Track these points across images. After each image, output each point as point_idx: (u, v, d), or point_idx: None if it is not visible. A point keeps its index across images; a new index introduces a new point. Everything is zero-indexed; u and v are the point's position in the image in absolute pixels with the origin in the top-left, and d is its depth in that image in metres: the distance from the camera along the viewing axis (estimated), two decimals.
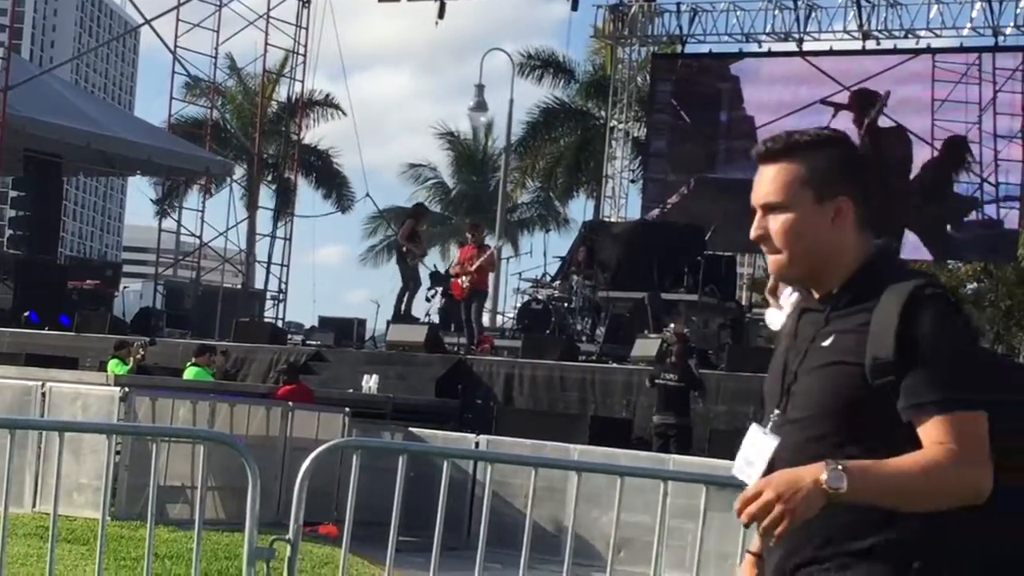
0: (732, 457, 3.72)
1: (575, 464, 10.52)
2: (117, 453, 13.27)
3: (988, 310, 46.14)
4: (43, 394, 15.32)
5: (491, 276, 27.48)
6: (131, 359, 20.95)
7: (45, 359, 21.36)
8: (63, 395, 15.47)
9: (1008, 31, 31.22)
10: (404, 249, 25.72)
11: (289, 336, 27.13)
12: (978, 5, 31.19)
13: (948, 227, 31.54)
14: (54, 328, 25.82)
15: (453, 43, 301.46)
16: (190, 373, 20.49)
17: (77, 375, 19.18)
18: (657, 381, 18.78)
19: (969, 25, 31.51)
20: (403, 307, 25.41)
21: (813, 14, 32.81)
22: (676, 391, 18.63)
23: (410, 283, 25.53)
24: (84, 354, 23.25)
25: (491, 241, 27.73)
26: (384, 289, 25.87)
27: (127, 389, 15.25)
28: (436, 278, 25.74)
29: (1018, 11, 31.01)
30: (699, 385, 18.88)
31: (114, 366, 20.73)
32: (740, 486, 3.49)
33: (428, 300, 25.80)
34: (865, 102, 31.82)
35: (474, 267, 24.24)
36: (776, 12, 33.04)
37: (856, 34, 32.43)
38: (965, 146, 31.01)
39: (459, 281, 24.41)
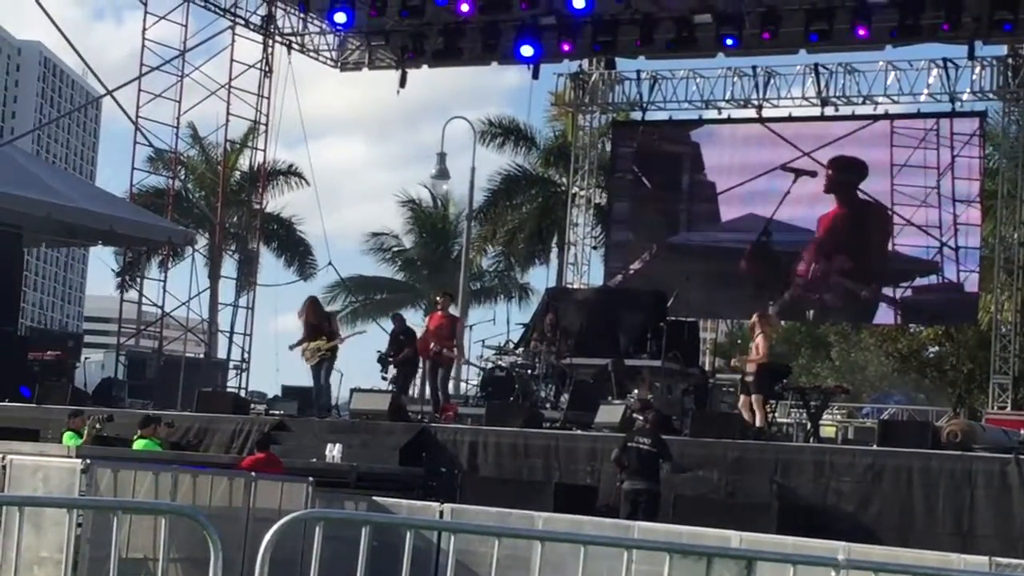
0: (697, 523, 3.72)
1: (539, 533, 10.50)
2: (78, 526, 13.16)
3: (950, 373, 46.37)
4: (3, 467, 15.19)
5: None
6: (85, 431, 20.77)
7: (6, 431, 21.14)
8: (24, 467, 15.34)
9: (964, 97, 31.56)
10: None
11: (252, 406, 26.97)
12: (935, 72, 31.53)
13: (903, 290, 31.81)
14: (15, 400, 25.61)
15: (408, 111, 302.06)
16: (138, 445, 20.33)
17: (38, 447, 19.01)
18: (629, 444, 18.75)
19: (926, 91, 31.84)
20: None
21: (772, 80, 33.10)
22: (648, 456, 18.61)
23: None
24: (45, 426, 23.04)
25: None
26: (347, 358, 25.91)
27: (88, 461, 15.14)
28: (383, 361, 25.68)
29: (974, 77, 31.36)
30: (669, 456, 18.87)
31: (68, 438, 20.56)
32: (703, 553, 3.50)
33: (384, 379, 25.71)
34: (849, 170, 32.15)
35: (455, 352, 24.82)
36: (735, 79, 33.29)
37: (815, 100, 32.70)
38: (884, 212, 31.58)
39: (431, 345, 24.69)
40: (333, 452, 21.38)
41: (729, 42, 29.93)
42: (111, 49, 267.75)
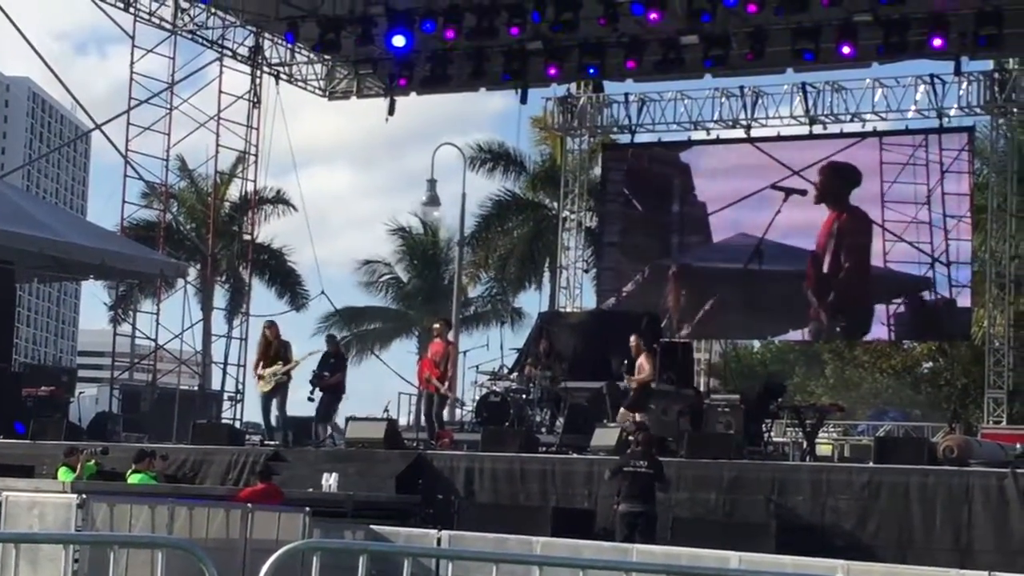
0: (696, 544, 3.70)
1: (537, 558, 10.48)
2: (75, 561, 13.11)
3: (944, 388, 46.44)
4: None
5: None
6: (79, 466, 20.73)
7: (0, 468, 21.11)
8: (19, 504, 15.30)
9: (952, 112, 31.63)
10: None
11: (247, 436, 26.92)
12: (922, 88, 31.60)
13: (896, 307, 31.78)
14: (9, 436, 25.56)
15: (394, 137, 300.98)
16: (133, 479, 20.30)
17: (33, 483, 18.97)
18: (626, 468, 18.68)
19: (914, 107, 31.93)
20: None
21: (759, 100, 33.18)
22: (645, 478, 18.54)
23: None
24: (40, 462, 22.99)
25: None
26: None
27: (84, 496, 15.10)
28: (314, 382, 25.53)
29: (961, 93, 31.42)
30: (664, 478, 18.81)
31: (63, 474, 20.52)
32: (702, 574, 3.49)
33: (310, 400, 25.45)
34: (840, 176, 32.13)
35: (446, 386, 24.96)
36: (723, 100, 33.39)
37: (803, 119, 32.77)
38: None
39: (425, 375, 24.82)
40: (329, 481, 21.37)
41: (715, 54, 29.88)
42: (96, 82, 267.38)
